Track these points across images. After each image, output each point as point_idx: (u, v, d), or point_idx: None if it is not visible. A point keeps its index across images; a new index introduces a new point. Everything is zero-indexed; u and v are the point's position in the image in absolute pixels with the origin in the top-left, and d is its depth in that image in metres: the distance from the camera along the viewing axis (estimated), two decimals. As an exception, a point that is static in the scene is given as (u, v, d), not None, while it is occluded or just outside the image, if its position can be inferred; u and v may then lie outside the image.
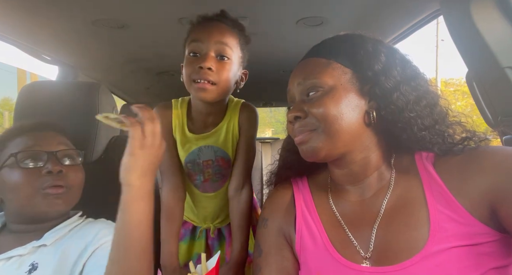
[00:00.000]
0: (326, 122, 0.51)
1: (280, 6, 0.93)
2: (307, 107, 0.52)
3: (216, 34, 0.74)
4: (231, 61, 0.75)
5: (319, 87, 0.52)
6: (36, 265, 0.63)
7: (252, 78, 1.88)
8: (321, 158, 0.53)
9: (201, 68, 0.72)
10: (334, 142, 0.51)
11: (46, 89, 0.97)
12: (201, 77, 0.72)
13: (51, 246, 0.66)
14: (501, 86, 0.74)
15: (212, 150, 0.87)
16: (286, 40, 1.22)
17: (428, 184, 0.49)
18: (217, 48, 0.73)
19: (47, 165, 0.68)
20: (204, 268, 0.69)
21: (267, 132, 18.20)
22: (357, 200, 0.55)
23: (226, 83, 0.76)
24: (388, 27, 1.07)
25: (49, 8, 0.88)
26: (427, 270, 0.43)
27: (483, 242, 0.43)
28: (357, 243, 0.51)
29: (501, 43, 0.72)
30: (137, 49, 1.27)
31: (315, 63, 0.56)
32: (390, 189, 0.53)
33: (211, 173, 0.91)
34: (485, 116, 0.83)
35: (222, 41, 0.74)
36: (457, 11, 0.77)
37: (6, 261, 0.63)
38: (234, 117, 0.87)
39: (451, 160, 0.49)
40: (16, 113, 0.93)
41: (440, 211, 0.46)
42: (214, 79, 0.73)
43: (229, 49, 0.75)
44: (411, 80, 0.52)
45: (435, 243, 0.44)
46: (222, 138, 0.86)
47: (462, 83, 13.86)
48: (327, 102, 0.51)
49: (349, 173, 0.56)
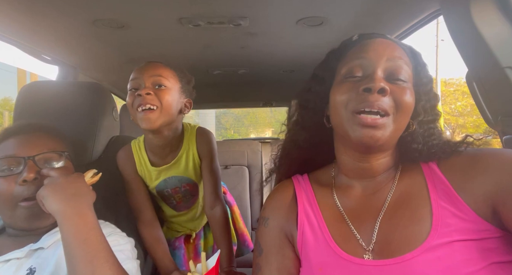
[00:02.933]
0: (402, 111, 0.50)
1: (280, 6, 0.93)
2: (389, 87, 0.50)
3: (150, 69, 0.83)
4: (168, 89, 0.82)
5: (406, 76, 0.52)
6: (34, 269, 0.62)
7: (252, 78, 1.88)
8: (379, 146, 0.52)
9: (140, 95, 0.78)
10: (396, 135, 0.52)
11: (46, 89, 0.97)
12: (141, 102, 0.78)
13: (48, 249, 0.66)
14: (501, 86, 0.74)
15: (176, 179, 0.96)
16: (286, 40, 1.22)
17: (432, 181, 0.50)
18: (153, 80, 0.81)
19: (23, 173, 0.66)
20: (204, 267, 0.69)
21: (267, 133, 18.20)
22: (362, 195, 0.56)
23: (168, 107, 0.82)
24: (388, 27, 1.07)
25: (49, 8, 0.88)
26: (428, 262, 0.43)
27: (485, 237, 0.44)
28: (360, 237, 0.51)
29: (501, 43, 0.72)
30: (137, 49, 1.27)
31: (399, 50, 0.54)
32: (394, 185, 0.54)
33: (181, 196, 1.01)
34: (485, 116, 0.83)
35: (157, 74, 0.82)
36: (457, 11, 0.77)
37: (3, 264, 0.63)
38: (192, 144, 0.93)
39: (454, 160, 0.51)
40: (16, 113, 0.93)
41: (443, 206, 0.47)
42: (155, 103, 0.79)
43: (165, 80, 0.83)
44: (433, 92, 0.56)
45: (437, 237, 0.44)
46: (182, 166, 0.93)
47: (462, 83, 13.86)
48: (410, 94, 0.52)
49: (366, 168, 0.56)
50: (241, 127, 26.29)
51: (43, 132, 0.74)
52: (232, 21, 1.00)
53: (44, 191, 0.60)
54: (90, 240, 0.57)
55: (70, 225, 0.57)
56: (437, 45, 14.50)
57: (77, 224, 0.58)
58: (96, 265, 0.54)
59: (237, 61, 1.52)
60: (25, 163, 0.67)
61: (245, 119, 22.34)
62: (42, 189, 0.61)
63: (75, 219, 0.58)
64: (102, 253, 0.56)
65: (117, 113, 1.07)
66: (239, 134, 23.66)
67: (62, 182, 0.62)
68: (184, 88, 0.90)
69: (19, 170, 0.67)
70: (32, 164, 0.68)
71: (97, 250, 0.56)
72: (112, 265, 0.56)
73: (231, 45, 1.27)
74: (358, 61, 0.53)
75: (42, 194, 0.60)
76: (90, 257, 0.55)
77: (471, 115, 13.40)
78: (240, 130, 25.48)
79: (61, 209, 0.58)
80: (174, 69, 0.88)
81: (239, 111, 20.39)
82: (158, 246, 0.93)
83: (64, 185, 0.62)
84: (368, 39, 0.55)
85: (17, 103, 0.93)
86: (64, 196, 0.60)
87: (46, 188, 0.61)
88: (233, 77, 1.78)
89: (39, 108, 0.92)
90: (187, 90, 0.91)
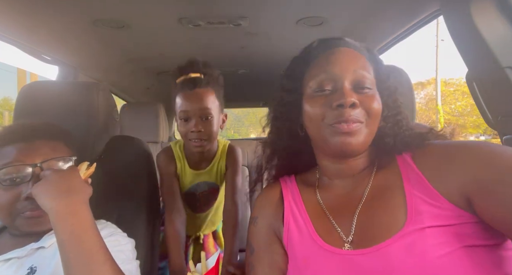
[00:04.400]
0: (373, 118, 0.55)
1: (280, 6, 0.93)
2: (357, 99, 0.54)
3: (199, 102, 0.94)
4: (213, 118, 0.96)
5: (370, 83, 0.56)
6: (34, 268, 0.62)
7: (252, 78, 1.88)
8: (357, 151, 0.56)
9: (193, 132, 0.95)
10: (370, 139, 0.56)
11: (46, 89, 0.97)
12: (195, 138, 0.96)
13: (49, 248, 0.65)
14: (501, 86, 0.74)
15: (206, 184, 1.15)
16: (286, 40, 1.22)
17: (406, 172, 0.53)
18: (201, 114, 0.94)
19: (28, 189, 0.63)
20: (204, 267, 0.69)
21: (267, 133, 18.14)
22: (342, 193, 0.60)
23: (214, 134, 0.99)
24: (388, 27, 1.07)
25: (49, 8, 0.88)
26: (399, 249, 0.45)
27: (461, 222, 0.45)
28: (340, 230, 0.55)
29: (501, 43, 0.72)
30: (137, 49, 1.27)
31: (360, 58, 0.58)
32: (371, 180, 0.57)
33: (205, 200, 1.19)
34: (485, 116, 0.83)
35: (204, 106, 0.94)
36: (457, 11, 0.77)
37: (4, 262, 0.63)
38: (222, 159, 1.12)
39: (427, 151, 0.54)
40: (16, 113, 0.93)
41: (416, 195, 0.49)
42: (204, 137, 0.96)
43: (210, 110, 0.95)
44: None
45: (411, 224, 0.47)
46: (214, 173, 1.14)
47: (462, 83, 13.87)
48: (377, 99, 0.55)
49: (345, 168, 0.60)
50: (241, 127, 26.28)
51: (49, 138, 0.71)
52: (232, 21, 1.00)
53: (37, 189, 0.58)
54: (86, 241, 0.54)
55: (64, 225, 0.55)
56: (437, 45, 14.50)
57: (72, 224, 0.55)
58: (93, 267, 0.53)
59: (237, 61, 1.52)
60: (32, 172, 0.64)
61: (245, 119, 22.33)
62: (35, 186, 0.59)
63: (69, 218, 0.55)
64: (99, 255, 0.54)
65: (117, 113, 1.07)
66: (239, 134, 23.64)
67: (54, 178, 0.59)
68: (222, 104, 1.03)
69: (23, 182, 0.64)
70: (38, 175, 0.64)
71: (93, 251, 0.54)
72: (110, 268, 0.54)
73: (231, 45, 1.27)
74: (325, 75, 0.56)
75: (35, 192, 0.58)
76: (86, 259, 0.53)
77: (471, 115, 13.41)
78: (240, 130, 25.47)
79: (53, 208, 0.56)
80: (213, 88, 0.97)
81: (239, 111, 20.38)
82: (179, 240, 1.02)
83: (57, 181, 0.59)
84: (331, 48, 0.59)
85: (17, 103, 0.93)
86: (57, 193, 0.57)
87: (39, 185, 0.59)
88: (233, 77, 1.78)
89: (39, 108, 0.92)
90: (222, 103, 1.04)
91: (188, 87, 0.94)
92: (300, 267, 0.55)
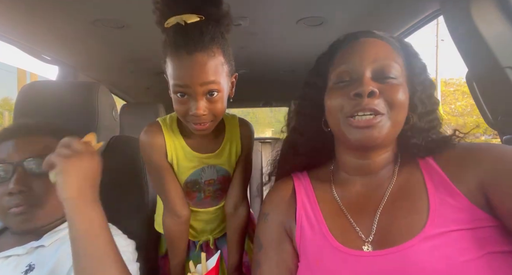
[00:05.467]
0: (396, 109, 0.51)
1: (280, 6, 0.93)
2: (379, 88, 0.51)
3: (201, 75, 0.63)
4: (221, 93, 0.68)
5: (396, 73, 0.53)
6: (33, 266, 0.62)
7: (252, 78, 1.88)
8: (377, 145, 0.53)
9: (194, 114, 0.67)
10: (394, 132, 0.53)
11: (46, 89, 0.97)
12: (197, 121, 0.69)
13: (49, 247, 0.66)
14: (501, 86, 0.74)
15: (215, 170, 0.85)
16: (286, 40, 1.22)
17: (429, 173, 0.52)
18: (205, 90, 0.65)
19: (10, 184, 0.62)
20: (204, 268, 0.69)
21: (267, 133, 18.20)
22: (361, 190, 0.57)
23: (222, 112, 0.71)
24: (388, 27, 1.07)
25: (49, 8, 0.88)
26: (424, 251, 0.44)
27: (482, 226, 0.45)
28: (359, 229, 0.53)
29: (501, 43, 0.72)
30: (137, 49, 1.27)
31: (386, 47, 0.55)
32: (394, 179, 0.55)
33: (212, 190, 0.89)
34: (485, 116, 0.83)
35: (209, 80, 0.64)
36: (457, 11, 0.77)
37: (4, 259, 0.64)
38: (235, 135, 0.83)
39: (449, 153, 0.53)
40: (16, 113, 0.93)
41: (439, 197, 0.48)
42: (210, 118, 0.69)
43: (219, 83, 0.66)
44: (428, 80, 0.57)
45: (434, 226, 0.46)
46: (225, 156, 0.84)
47: (462, 83, 13.85)
48: (401, 91, 0.52)
49: (368, 165, 0.57)
50: (241, 127, 26.15)
51: (41, 133, 0.70)
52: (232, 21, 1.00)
53: (58, 169, 0.52)
54: (102, 237, 0.53)
55: (83, 219, 0.52)
56: (437, 45, 14.52)
57: (90, 219, 0.52)
58: (106, 265, 0.51)
59: (237, 61, 1.52)
60: (13, 170, 0.63)
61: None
62: (55, 161, 0.53)
63: (88, 212, 0.52)
64: (112, 253, 0.53)
65: (117, 113, 1.07)
66: (239, 134, 23.48)
67: (77, 162, 0.53)
68: (230, 63, 0.72)
69: (8, 177, 0.63)
70: (22, 171, 0.63)
71: (108, 249, 0.53)
72: (120, 266, 0.54)
73: (231, 45, 1.27)
74: (345, 66, 0.55)
75: (56, 171, 0.53)
76: (101, 256, 0.52)
77: (471, 115, 13.39)
78: (240, 130, 25.31)
79: (74, 199, 0.52)
80: (221, 48, 0.67)
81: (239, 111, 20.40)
82: (180, 242, 0.86)
83: (80, 167, 0.53)
84: (354, 40, 0.57)
85: (17, 103, 0.93)
86: (78, 182, 0.53)
87: (60, 165, 0.52)
88: (233, 77, 1.77)
89: (39, 108, 0.92)
90: (232, 63, 0.73)
91: (183, 47, 0.61)
92: (312, 268, 0.53)
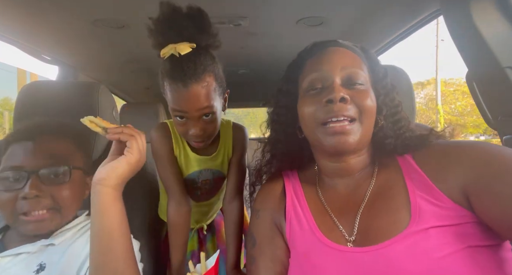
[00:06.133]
0: (365, 114, 0.54)
1: (280, 6, 0.93)
2: (349, 94, 0.53)
3: (196, 102, 0.70)
4: (215, 113, 0.75)
5: (362, 79, 0.55)
6: (44, 265, 0.63)
7: (252, 78, 1.88)
8: (352, 150, 0.55)
9: (193, 135, 0.77)
10: (365, 136, 0.55)
11: (46, 89, 0.97)
12: (194, 141, 0.80)
13: (59, 246, 0.66)
14: (501, 86, 0.74)
15: (211, 172, 0.95)
16: (286, 40, 1.22)
17: (408, 172, 0.53)
18: (201, 113, 0.73)
19: (24, 189, 0.63)
20: (203, 267, 0.69)
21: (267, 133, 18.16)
22: (343, 192, 0.59)
23: (216, 130, 0.81)
24: (388, 27, 1.07)
25: (49, 8, 0.88)
26: (403, 248, 0.45)
27: (463, 222, 0.45)
28: (342, 228, 0.54)
29: (501, 43, 0.72)
30: (137, 49, 1.27)
31: (352, 55, 0.58)
32: (373, 180, 0.57)
33: (208, 188, 1.00)
34: (485, 116, 0.83)
35: (204, 106, 0.71)
36: (457, 11, 0.77)
37: (14, 257, 0.63)
38: (228, 140, 0.93)
39: (428, 151, 0.54)
40: (16, 113, 0.93)
41: (419, 195, 0.49)
42: (206, 136, 0.79)
43: (213, 107, 0.73)
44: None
45: (415, 224, 0.47)
46: (220, 160, 0.94)
47: (462, 83, 13.87)
48: (370, 96, 0.55)
49: (344, 167, 0.59)
50: (241, 128, 26.19)
51: (56, 133, 0.71)
52: (232, 21, 1.00)
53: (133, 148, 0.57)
54: (126, 235, 0.54)
55: (117, 211, 0.54)
56: (437, 45, 14.52)
57: (122, 212, 0.55)
58: (126, 264, 0.53)
59: (237, 61, 1.52)
60: (28, 177, 0.63)
61: (245, 119, 22.35)
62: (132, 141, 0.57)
63: (121, 205, 0.55)
64: (132, 252, 0.55)
65: (117, 113, 1.07)
66: (239, 135, 23.47)
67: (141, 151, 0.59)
68: (222, 84, 0.78)
69: (21, 185, 0.63)
70: (36, 178, 0.64)
71: (129, 247, 0.54)
72: (136, 266, 0.55)
73: (231, 45, 1.27)
74: (316, 74, 0.57)
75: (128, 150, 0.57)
76: (125, 254, 0.53)
77: (471, 115, 13.40)
78: (240, 130, 25.34)
79: (117, 185, 0.55)
80: (213, 74, 0.72)
81: (239, 111, 20.40)
82: (183, 233, 0.91)
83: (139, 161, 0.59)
84: (322, 49, 0.59)
85: (17, 103, 0.93)
86: (131, 171, 0.58)
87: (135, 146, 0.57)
88: (233, 77, 1.78)
89: (39, 108, 0.92)
90: (223, 81, 0.80)
91: (180, 80, 0.68)
92: (300, 261, 0.55)
